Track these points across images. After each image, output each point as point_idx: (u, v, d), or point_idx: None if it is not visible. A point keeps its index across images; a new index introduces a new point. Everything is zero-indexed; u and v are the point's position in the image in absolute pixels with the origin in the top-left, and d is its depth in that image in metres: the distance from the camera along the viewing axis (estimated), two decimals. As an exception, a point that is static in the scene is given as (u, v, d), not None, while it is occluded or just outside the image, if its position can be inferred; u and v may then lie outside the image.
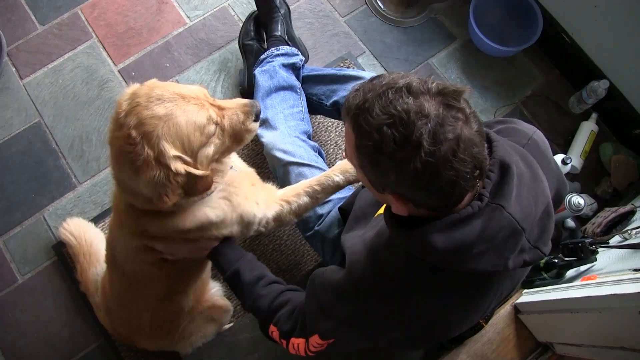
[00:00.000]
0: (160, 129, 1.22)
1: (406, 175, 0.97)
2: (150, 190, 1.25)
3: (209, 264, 1.77)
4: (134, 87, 1.30)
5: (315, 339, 1.29)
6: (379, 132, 0.96)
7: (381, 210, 1.34)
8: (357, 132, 1.01)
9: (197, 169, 1.29)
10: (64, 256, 2.23)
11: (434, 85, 0.97)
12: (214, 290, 1.96)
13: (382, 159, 0.98)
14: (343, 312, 1.23)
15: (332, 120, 2.39)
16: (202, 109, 1.28)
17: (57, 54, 2.57)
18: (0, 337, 2.16)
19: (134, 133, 1.21)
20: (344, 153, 1.68)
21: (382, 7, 2.66)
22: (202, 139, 1.28)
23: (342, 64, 2.50)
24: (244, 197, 1.53)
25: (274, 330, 1.41)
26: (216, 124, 1.32)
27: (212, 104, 1.33)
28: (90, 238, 2.14)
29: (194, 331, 1.87)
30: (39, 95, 2.49)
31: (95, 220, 2.27)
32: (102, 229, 2.24)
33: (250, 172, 1.66)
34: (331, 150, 2.34)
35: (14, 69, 2.54)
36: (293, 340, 1.35)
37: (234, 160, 1.61)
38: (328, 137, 2.36)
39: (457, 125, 0.95)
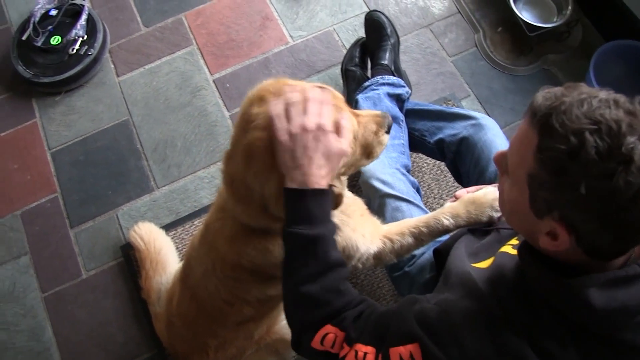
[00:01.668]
0: None
1: (598, 193, 0.84)
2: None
3: None
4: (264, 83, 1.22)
5: (399, 350, 1.07)
6: (577, 137, 0.84)
7: (505, 248, 1.20)
8: (545, 133, 0.89)
9: None
10: (130, 259, 2.21)
11: None
12: (285, 322, 1.85)
13: (573, 169, 0.85)
14: (462, 342, 1.03)
15: (428, 161, 2.30)
16: (340, 112, 1.18)
17: (155, 56, 2.62)
18: (57, 329, 2.16)
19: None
20: (457, 193, 1.56)
21: (492, 51, 2.58)
22: None
23: (444, 104, 2.42)
24: (352, 228, 1.43)
25: (328, 332, 1.13)
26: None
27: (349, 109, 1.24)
28: (159, 245, 2.12)
29: (255, 361, 1.80)
30: (132, 94, 2.54)
31: (167, 227, 2.25)
32: (172, 238, 2.21)
33: (360, 202, 1.56)
34: (423, 192, 2.24)
35: (112, 66, 2.61)
36: (360, 346, 1.10)
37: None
38: (422, 178, 2.27)
39: None
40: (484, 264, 1.23)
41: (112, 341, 2.13)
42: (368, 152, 1.28)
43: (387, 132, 1.29)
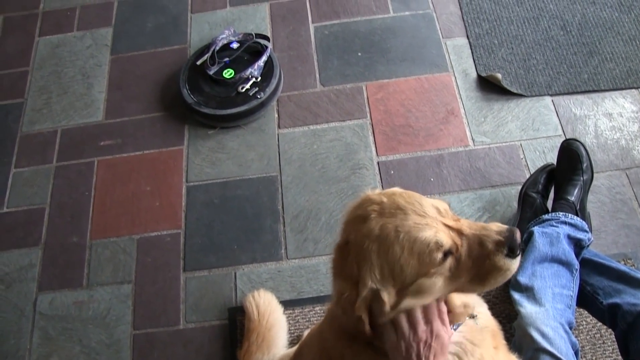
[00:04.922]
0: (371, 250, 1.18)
1: None
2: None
3: None
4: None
5: None
6: None
7: None
8: None
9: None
10: (235, 325, 2.28)
11: None
12: None
13: None
14: None
15: (589, 319, 2.24)
16: (428, 230, 1.17)
17: (323, 118, 2.76)
18: (136, 373, 2.25)
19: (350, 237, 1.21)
20: None
21: (694, 220, 2.53)
22: (421, 269, 1.16)
23: (622, 262, 2.39)
24: (479, 358, 1.39)
25: None
26: (446, 253, 1.17)
27: (448, 225, 1.20)
28: (273, 321, 2.17)
29: None
30: (288, 151, 2.68)
31: (285, 305, 2.29)
32: (287, 317, 2.25)
33: (496, 331, 1.51)
34: (574, 354, 2.20)
35: (276, 115, 2.78)
36: None
37: (480, 309, 1.47)
38: (576, 336, 2.23)
39: None
40: None
41: (188, 407, 2.19)
42: (480, 277, 1.21)
43: (511, 255, 1.18)
